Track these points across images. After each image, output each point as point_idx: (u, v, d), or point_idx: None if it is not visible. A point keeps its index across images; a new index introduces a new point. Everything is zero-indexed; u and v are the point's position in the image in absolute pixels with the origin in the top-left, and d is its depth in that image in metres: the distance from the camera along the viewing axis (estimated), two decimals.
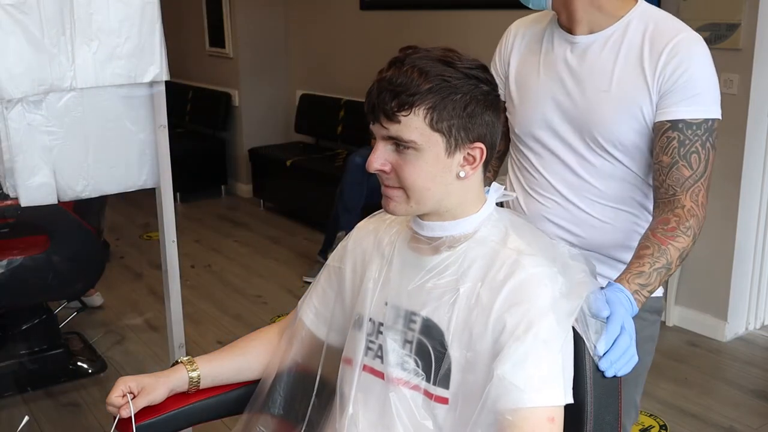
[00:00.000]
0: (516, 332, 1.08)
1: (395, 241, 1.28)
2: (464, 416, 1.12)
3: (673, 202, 1.41)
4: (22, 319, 3.07)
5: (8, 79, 2.02)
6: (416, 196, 1.15)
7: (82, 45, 2.03)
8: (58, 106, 2.13)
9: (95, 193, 2.33)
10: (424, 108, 1.10)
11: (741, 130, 3.22)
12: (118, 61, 2.08)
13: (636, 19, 1.42)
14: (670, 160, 1.37)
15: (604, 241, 1.50)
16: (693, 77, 1.38)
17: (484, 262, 1.15)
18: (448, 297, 1.16)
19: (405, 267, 1.24)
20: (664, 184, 1.40)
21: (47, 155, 2.17)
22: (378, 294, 1.25)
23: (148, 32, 2.09)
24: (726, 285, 3.40)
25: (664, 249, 1.36)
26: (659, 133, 1.37)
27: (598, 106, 1.43)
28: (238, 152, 6.15)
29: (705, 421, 2.79)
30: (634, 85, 1.39)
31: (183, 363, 1.35)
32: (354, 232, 1.39)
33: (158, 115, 2.16)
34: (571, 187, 1.50)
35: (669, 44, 1.39)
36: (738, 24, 3.14)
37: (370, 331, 1.24)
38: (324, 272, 1.41)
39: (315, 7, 5.73)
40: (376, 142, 1.15)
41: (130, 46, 2.08)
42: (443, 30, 4.60)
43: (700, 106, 1.37)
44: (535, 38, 1.58)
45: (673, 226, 1.38)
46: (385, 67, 1.15)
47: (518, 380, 1.05)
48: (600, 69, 1.42)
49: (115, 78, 2.12)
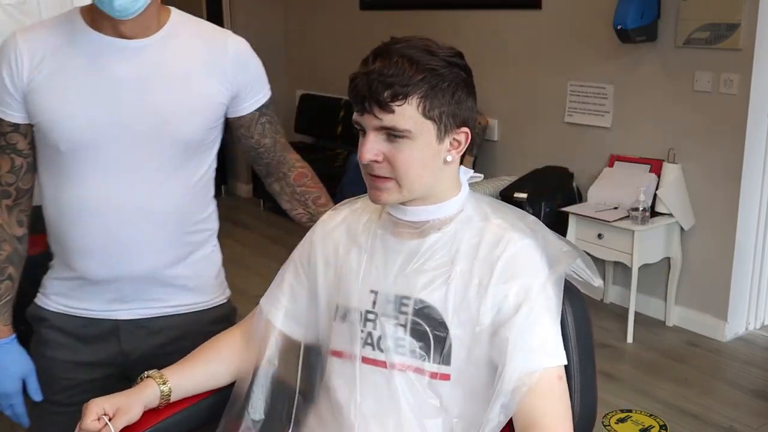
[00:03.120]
0: (520, 302, 1.15)
1: (372, 229, 1.28)
2: (468, 388, 1.18)
3: (286, 161, 1.66)
4: (22, 318, 3.07)
5: None
6: (409, 184, 1.17)
7: None
8: None
9: None
10: (417, 97, 1.13)
11: (741, 130, 3.22)
12: None
13: (180, 25, 1.49)
14: (271, 139, 1.61)
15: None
16: (258, 70, 1.59)
17: (475, 241, 1.20)
18: (442, 277, 1.20)
19: (389, 253, 1.25)
20: (274, 157, 1.64)
21: None
22: (362, 283, 1.25)
23: None
24: (726, 285, 3.39)
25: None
26: (253, 123, 1.56)
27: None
28: (238, 152, 6.15)
29: (705, 421, 2.79)
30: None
31: (152, 377, 1.29)
32: (319, 225, 1.37)
33: None
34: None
35: (227, 48, 1.52)
36: (738, 24, 3.14)
37: (354, 321, 1.25)
38: (289, 269, 1.38)
39: (315, 7, 5.73)
40: (366, 134, 1.16)
41: None
42: (443, 30, 4.59)
43: (265, 89, 1.60)
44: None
45: (310, 175, 1.68)
46: (369, 59, 1.15)
47: (532, 345, 1.13)
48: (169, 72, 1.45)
49: None
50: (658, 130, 3.55)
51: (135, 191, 1.42)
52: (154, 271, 1.47)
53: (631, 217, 3.37)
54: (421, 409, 1.19)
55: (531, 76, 4.13)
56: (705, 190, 3.40)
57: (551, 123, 4.05)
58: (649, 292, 3.66)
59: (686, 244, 3.50)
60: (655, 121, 3.56)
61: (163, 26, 1.43)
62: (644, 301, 3.65)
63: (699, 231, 3.46)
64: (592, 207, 3.58)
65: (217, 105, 1.48)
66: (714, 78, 3.28)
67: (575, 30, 3.85)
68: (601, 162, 3.78)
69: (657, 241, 3.43)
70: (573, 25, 3.86)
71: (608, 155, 3.75)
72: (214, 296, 1.60)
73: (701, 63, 3.32)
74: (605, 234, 3.43)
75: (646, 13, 3.36)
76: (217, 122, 1.50)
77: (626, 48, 3.55)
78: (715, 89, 3.29)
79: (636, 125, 3.65)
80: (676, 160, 3.45)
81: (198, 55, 1.46)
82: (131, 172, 1.41)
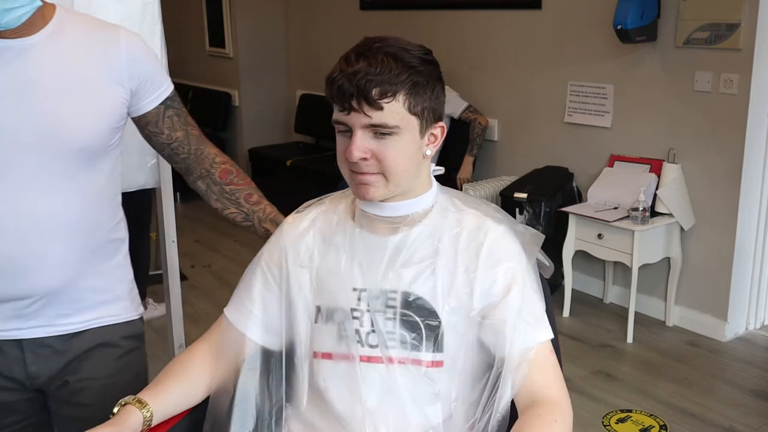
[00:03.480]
0: (508, 284, 1.22)
1: (348, 228, 1.29)
2: (461, 371, 1.24)
3: (206, 156, 1.59)
4: None
5: None
6: (395, 179, 1.20)
7: None
8: None
9: None
10: (403, 94, 1.16)
11: (741, 130, 3.22)
12: None
13: (67, 21, 1.36)
14: (183, 131, 1.54)
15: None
16: (155, 63, 1.47)
17: (455, 231, 1.26)
18: (428, 269, 1.24)
19: (371, 250, 1.26)
20: (191, 150, 1.56)
21: None
22: (346, 283, 1.26)
23: (148, 32, 2.08)
24: (726, 285, 3.39)
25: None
26: (160, 117, 1.49)
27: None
28: (238, 152, 6.15)
29: (705, 421, 2.79)
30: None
31: (133, 404, 1.23)
32: (286, 228, 1.35)
33: None
34: None
35: (120, 43, 1.39)
36: (738, 24, 3.14)
37: (341, 320, 1.26)
38: (257, 278, 1.34)
39: (315, 7, 5.73)
40: (354, 132, 1.17)
41: None
42: (442, 30, 4.60)
43: (167, 81, 1.51)
44: None
45: (235, 170, 1.61)
46: (351, 58, 1.16)
47: (528, 323, 1.21)
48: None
49: None
50: (658, 130, 3.55)
51: (29, 204, 1.29)
52: (62, 285, 1.36)
53: (631, 217, 3.37)
54: (421, 397, 1.23)
55: (531, 76, 4.13)
56: (705, 190, 3.40)
57: (551, 123, 4.05)
58: (649, 292, 3.66)
59: (686, 244, 3.50)
60: (655, 121, 3.56)
61: (48, 22, 1.31)
62: (644, 301, 3.65)
63: (699, 231, 3.46)
64: (592, 207, 3.58)
65: (117, 105, 1.38)
66: (714, 78, 3.28)
67: (575, 30, 3.85)
68: (601, 162, 3.78)
69: (657, 241, 3.43)
70: (573, 25, 3.86)
71: (608, 155, 3.75)
72: (127, 310, 1.49)
73: (701, 63, 3.31)
74: (605, 234, 3.43)
75: (646, 13, 3.36)
76: (119, 123, 1.40)
77: (626, 48, 3.55)
78: (715, 89, 3.29)
79: (636, 125, 3.65)
80: (676, 160, 3.45)
81: (91, 53, 1.35)
82: (23, 184, 1.28)
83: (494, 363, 1.21)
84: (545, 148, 4.09)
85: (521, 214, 3.75)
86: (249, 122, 6.11)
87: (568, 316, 3.71)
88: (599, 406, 2.89)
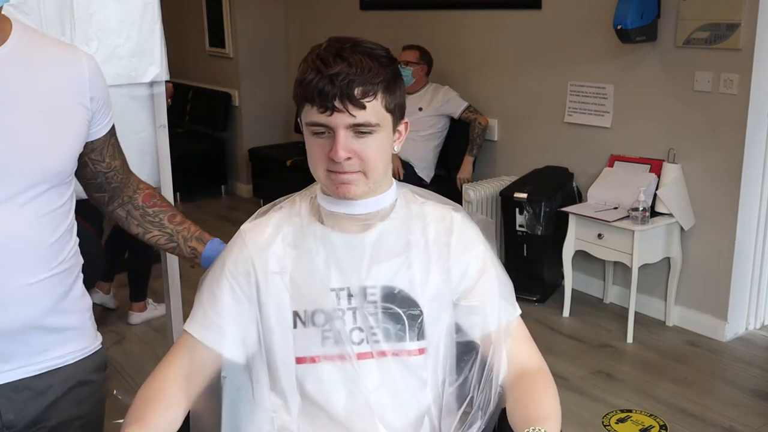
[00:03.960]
0: (480, 267, 1.31)
1: (316, 231, 1.29)
2: (443, 355, 1.30)
3: (131, 183, 1.54)
4: None
5: None
6: (374, 176, 1.23)
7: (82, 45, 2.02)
8: None
9: None
10: (381, 92, 1.19)
11: (741, 130, 3.22)
12: (118, 61, 2.08)
13: (26, 40, 1.28)
14: (120, 160, 1.48)
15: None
16: (106, 87, 1.39)
17: (422, 223, 1.31)
18: (404, 262, 1.28)
19: (346, 249, 1.27)
20: (122, 179, 1.50)
21: None
22: (324, 284, 1.26)
23: (148, 32, 2.09)
24: (726, 285, 3.40)
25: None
26: (106, 145, 1.42)
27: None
28: (238, 152, 6.15)
29: (705, 421, 2.79)
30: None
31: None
32: (248, 237, 1.31)
33: (158, 115, 2.16)
34: None
35: (83, 63, 1.33)
36: (738, 24, 3.14)
37: (323, 322, 1.26)
38: (224, 290, 1.29)
39: (315, 7, 5.73)
40: (337, 132, 1.18)
41: (130, 46, 2.08)
42: (443, 30, 4.60)
43: (111, 107, 1.42)
44: None
45: (158, 195, 1.58)
46: (329, 60, 1.17)
47: (505, 299, 1.31)
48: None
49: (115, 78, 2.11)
50: (658, 130, 3.55)
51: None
52: (31, 321, 1.26)
53: (631, 217, 3.37)
54: (412, 385, 1.28)
55: (531, 76, 4.13)
56: (705, 190, 3.40)
57: (551, 123, 4.05)
58: (649, 292, 3.66)
59: (686, 244, 3.50)
60: (655, 121, 3.56)
61: (8, 38, 1.23)
62: (644, 301, 3.65)
63: (699, 231, 3.46)
64: (592, 207, 3.58)
65: (82, 127, 1.31)
66: (714, 78, 3.28)
67: (575, 30, 3.85)
68: (601, 162, 3.78)
69: (657, 241, 3.43)
70: (573, 25, 3.86)
71: (608, 155, 3.76)
72: (93, 340, 1.41)
73: (701, 63, 3.31)
74: (605, 234, 3.44)
75: (646, 13, 3.36)
76: (82, 146, 1.33)
77: (626, 48, 3.55)
78: (715, 89, 3.29)
79: (636, 125, 3.65)
80: (676, 160, 3.45)
81: (56, 73, 1.27)
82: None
83: (474, 342, 1.29)
84: (545, 148, 4.10)
85: (521, 214, 3.75)
86: (249, 122, 6.11)
87: (568, 316, 3.71)
88: (599, 406, 2.89)
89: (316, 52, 1.20)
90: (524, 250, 3.81)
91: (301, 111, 1.24)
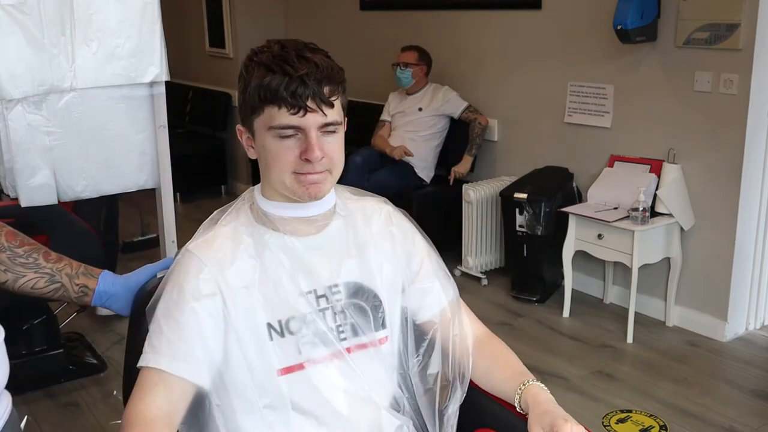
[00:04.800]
0: (421, 254, 1.41)
1: (270, 240, 1.27)
2: (400, 340, 1.38)
3: None
4: (22, 319, 3.07)
5: (8, 80, 2.02)
6: (336, 172, 1.28)
7: (82, 45, 2.03)
8: (58, 106, 2.13)
9: (95, 193, 2.33)
10: (341, 90, 1.24)
11: (741, 130, 3.22)
12: (118, 62, 2.08)
13: None
14: None
15: None
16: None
17: (365, 216, 1.38)
18: (359, 255, 1.33)
19: (305, 253, 1.28)
20: None
21: (47, 155, 2.17)
22: (292, 291, 1.26)
23: (148, 32, 2.09)
24: (726, 285, 3.39)
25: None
26: None
27: None
28: (238, 152, 6.14)
29: (705, 421, 2.79)
30: None
31: None
32: (204, 255, 1.23)
33: (158, 115, 2.17)
34: None
35: None
36: (738, 24, 3.14)
37: (297, 329, 1.25)
38: (187, 316, 1.20)
39: (315, 7, 5.73)
40: (310, 133, 1.19)
41: (130, 47, 2.08)
42: (443, 30, 4.60)
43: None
44: None
45: (21, 233, 1.36)
46: (294, 62, 1.18)
47: (450, 279, 1.43)
48: None
49: (115, 78, 2.12)
50: (658, 130, 3.55)
51: None
52: None
53: (631, 217, 3.37)
54: (384, 373, 1.34)
55: (531, 76, 4.13)
56: (705, 190, 3.40)
57: (551, 123, 4.05)
58: (649, 292, 3.66)
59: (686, 244, 3.50)
60: (655, 121, 3.56)
61: None
62: (644, 301, 3.65)
63: (699, 231, 3.46)
64: (592, 207, 3.58)
65: None
66: (714, 78, 3.28)
67: (575, 30, 3.85)
68: (601, 162, 3.78)
69: (657, 241, 3.43)
70: (573, 25, 3.86)
71: (608, 155, 3.75)
72: (9, 401, 1.30)
73: (701, 63, 3.31)
74: (605, 234, 3.43)
75: (646, 13, 3.36)
76: None
77: (626, 48, 3.55)
78: (715, 89, 3.29)
79: (636, 125, 3.65)
80: (676, 160, 3.45)
81: None
82: None
83: (431, 322, 1.38)
84: (545, 148, 4.09)
85: (521, 214, 3.75)
86: None
87: (568, 316, 3.71)
88: (599, 406, 2.89)
89: (271, 54, 1.20)
90: (524, 250, 3.81)
91: (255, 117, 1.23)
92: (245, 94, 1.24)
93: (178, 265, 1.26)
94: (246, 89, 1.23)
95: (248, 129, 1.27)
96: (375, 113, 4.65)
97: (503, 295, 4.01)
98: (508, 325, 3.66)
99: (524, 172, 4.02)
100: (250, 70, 1.22)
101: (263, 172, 1.28)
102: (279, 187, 1.26)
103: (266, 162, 1.25)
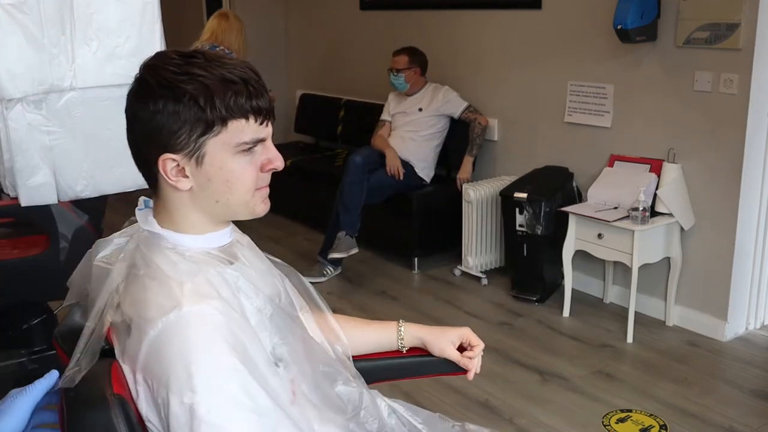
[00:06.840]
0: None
1: (227, 271, 1.15)
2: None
3: None
4: (22, 319, 3.07)
5: (8, 79, 2.02)
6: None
7: (82, 45, 2.03)
8: (58, 105, 2.14)
9: (95, 193, 2.33)
10: None
11: (741, 130, 3.22)
12: (118, 61, 2.08)
13: None
14: None
15: None
16: None
17: (240, 233, 1.35)
18: (270, 266, 1.33)
19: (257, 276, 1.23)
20: None
21: (47, 155, 2.17)
22: (270, 320, 1.20)
23: (148, 32, 2.09)
24: (726, 285, 3.40)
25: None
26: None
27: None
28: None
29: (705, 421, 2.79)
30: None
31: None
32: (212, 317, 1.04)
33: None
34: None
35: None
36: (738, 24, 3.14)
37: (281, 354, 1.21)
38: (237, 373, 1.02)
39: (315, 7, 5.73)
40: (267, 142, 1.15)
41: (130, 46, 2.09)
42: (442, 30, 4.60)
43: None
44: None
45: None
46: (243, 71, 1.09)
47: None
48: None
49: (114, 78, 2.12)
50: (658, 130, 3.55)
51: None
52: None
53: (631, 217, 3.37)
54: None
55: (531, 76, 4.13)
56: (705, 190, 3.40)
57: (551, 123, 4.06)
58: (649, 292, 3.66)
59: (686, 244, 3.50)
60: (655, 121, 3.56)
61: None
62: (644, 301, 3.65)
63: (699, 231, 3.46)
64: (592, 207, 3.58)
65: None
66: (714, 78, 3.28)
67: (575, 30, 3.85)
68: (601, 162, 3.79)
69: (657, 241, 3.43)
70: (573, 25, 3.86)
71: (608, 155, 3.76)
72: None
73: (701, 63, 3.32)
74: (605, 234, 3.44)
75: (646, 13, 3.36)
76: None
77: (626, 48, 3.55)
78: (715, 89, 3.29)
79: (636, 125, 3.65)
80: (676, 160, 3.45)
81: None
82: None
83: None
84: (545, 148, 4.10)
85: (521, 214, 3.75)
86: None
87: (568, 316, 3.71)
88: (599, 406, 2.89)
89: (215, 65, 1.06)
90: (524, 250, 3.81)
91: (209, 137, 1.06)
92: (180, 114, 1.05)
93: (189, 328, 1.03)
94: (185, 108, 1.05)
95: (189, 154, 1.07)
96: (375, 113, 4.65)
97: (503, 295, 4.02)
98: (508, 324, 3.66)
99: (524, 172, 4.02)
100: (182, 85, 1.05)
101: (215, 197, 1.12)
102: (238, 210, 1.15)
103: (225, 185, 1.10)
